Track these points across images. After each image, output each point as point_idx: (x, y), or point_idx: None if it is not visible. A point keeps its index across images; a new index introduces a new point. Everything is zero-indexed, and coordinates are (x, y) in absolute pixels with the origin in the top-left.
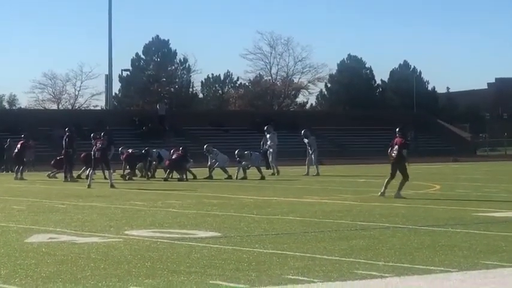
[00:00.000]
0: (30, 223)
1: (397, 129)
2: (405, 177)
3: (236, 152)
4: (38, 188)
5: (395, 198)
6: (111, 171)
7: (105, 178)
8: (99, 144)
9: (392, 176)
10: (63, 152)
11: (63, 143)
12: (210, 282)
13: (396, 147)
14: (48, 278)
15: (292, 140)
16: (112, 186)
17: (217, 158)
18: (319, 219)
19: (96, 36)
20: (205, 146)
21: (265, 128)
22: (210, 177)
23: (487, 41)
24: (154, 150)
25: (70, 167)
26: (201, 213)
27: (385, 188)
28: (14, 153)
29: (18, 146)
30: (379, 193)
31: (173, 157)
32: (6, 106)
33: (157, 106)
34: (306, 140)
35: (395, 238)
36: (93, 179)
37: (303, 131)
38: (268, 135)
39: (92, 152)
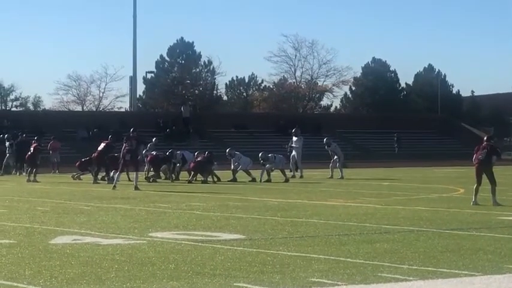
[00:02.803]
0: (55, 224)
1: (485, 138)
2: (493, 182)
3: (260, 154)
4: (62, 190)
5: (494, 206)
6: (137, 173)
7: (129, 180)
8: (127, 146)
9: (479, 182)
10: (94, 154)
11: (103, 148)
12: (234, 284)
13: (485, 151)
14: (72, 280)
15: (317, 143)
16: (136, 188)
17: (239, 161)
18: (343, 222)
19: (121, 38)
20: (227, 150)
21: (293, 130)
22: (234, 179)
23: None
24: (178, 152)
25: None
26: (225, 215)
27: (476, 196)
28: (27, 156)
29: (31, 148)
30: (471, 203)
31: (197, 159)
32: (31, 108)
33: (182, 108)
34: (328, 148)
35: (419, 241)
36: (118, 180)
37: (325, 139)
38: (294, 138)
39: (121, 154)
